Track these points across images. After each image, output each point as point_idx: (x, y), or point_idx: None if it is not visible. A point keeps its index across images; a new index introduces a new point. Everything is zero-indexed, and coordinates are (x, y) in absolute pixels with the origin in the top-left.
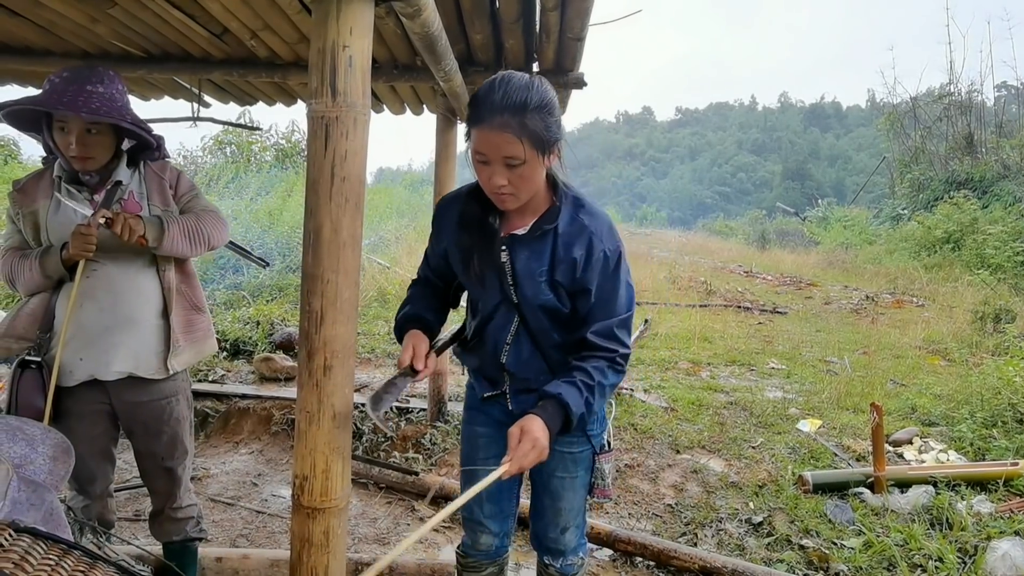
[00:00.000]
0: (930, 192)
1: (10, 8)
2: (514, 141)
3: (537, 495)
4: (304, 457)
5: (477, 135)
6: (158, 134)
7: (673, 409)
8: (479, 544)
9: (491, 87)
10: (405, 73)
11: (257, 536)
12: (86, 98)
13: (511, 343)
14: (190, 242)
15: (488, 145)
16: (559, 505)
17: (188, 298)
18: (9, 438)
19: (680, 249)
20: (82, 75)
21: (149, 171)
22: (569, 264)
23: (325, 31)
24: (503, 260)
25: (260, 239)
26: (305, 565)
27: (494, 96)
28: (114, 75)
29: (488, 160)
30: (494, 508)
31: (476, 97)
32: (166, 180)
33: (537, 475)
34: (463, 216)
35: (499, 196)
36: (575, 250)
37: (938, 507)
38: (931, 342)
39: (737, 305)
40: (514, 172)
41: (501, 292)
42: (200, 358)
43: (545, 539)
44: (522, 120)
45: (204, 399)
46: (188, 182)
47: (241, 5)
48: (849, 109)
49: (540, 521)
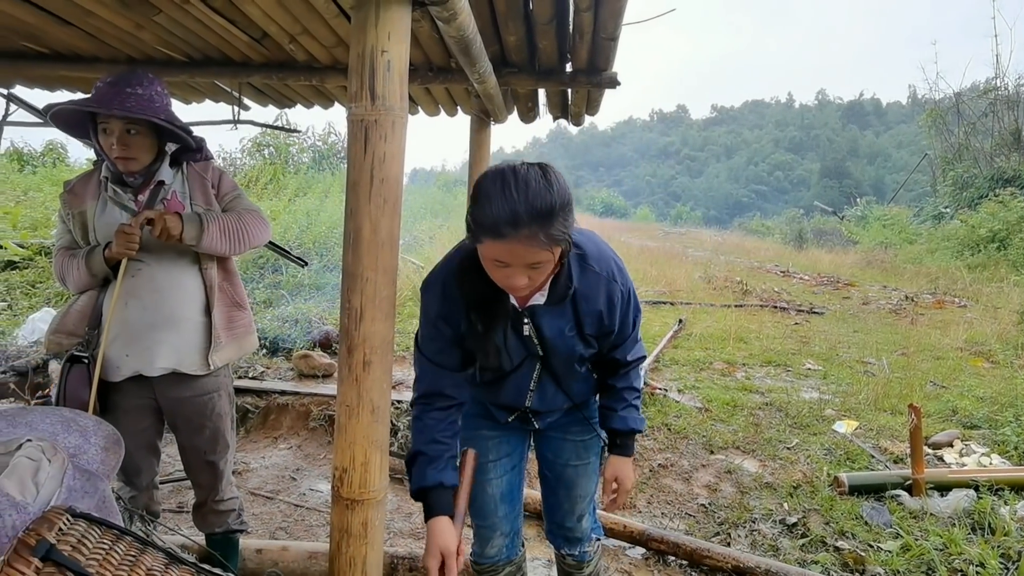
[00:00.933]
0: (974, 190)
1: (61, 17)
2: (539, 249)
3: (551, 488)
4: (344, 450)
5: (496, 246)
6: (199, 136)
7: (707, 409)
8: (491, 548)
9: (505, 192)
10: (440, 75)
11: (295, 529)
12: (123, 99)
13: (535, 389)
14: (230, 240)
15: (511, 256)
16: (575, 493)
17: (229, 295)
18: (64, 429)
19: (715, 249)
20: (124, 78)
21: (192, 171)
22: (595, 317)
23: (364, 36)
24: (527, 333)
25: (298, 239)
26: (344, 555)
27: (516, 207)
28: (154, 78)
29: (508, 264)
30: (507, 508)
31: (489, 206)
32: (208, 180)
33: (550, 469)
34: (470, 300)
35: (516, 292)
36: (598, 303)
37: (980, 511)
38: (974, 343)
39: (773, 305)
40: (536, 271)
41: (526, 351)
42: (241, 354)
43: (563, 530)
44: (548, 230)
45: (244, 395)
46: (230, 182)
47: (280, 10)
48: (889, 105)
49: (557, 513)
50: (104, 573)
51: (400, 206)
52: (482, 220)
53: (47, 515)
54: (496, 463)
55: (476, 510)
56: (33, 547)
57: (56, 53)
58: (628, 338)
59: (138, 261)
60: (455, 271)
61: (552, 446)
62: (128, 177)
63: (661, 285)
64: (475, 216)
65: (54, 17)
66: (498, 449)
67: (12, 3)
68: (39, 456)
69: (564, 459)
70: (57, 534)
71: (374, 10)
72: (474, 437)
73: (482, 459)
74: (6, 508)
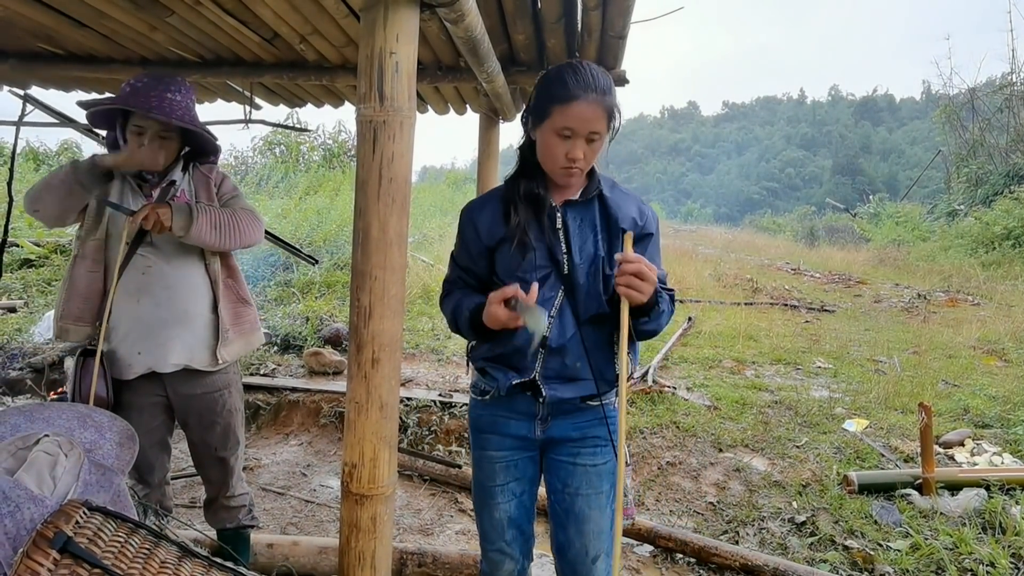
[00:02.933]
0: (989, 187)
1: (76, 19)
2: (602, 118)
3: (560, 526)
4: (353, 446)
5: (567, 111)
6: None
7: (716, 407)
8: (500, 572)
9: (576, 69)
10: (449, 74)
11: (306, 524)
12: (170, 105)
13: (555, 316)
14: (219, 233)
15: (579, 120)
16: (586, 529)
17: (235, 291)
18: (80, 425)
19: (726, 246)
20: (162, 82)
21: (198, 173)
22: (630, 220)
23: (373, 38)
24: (557, 227)
25: (309, 237)
26: (353, 549)
27: (587, 77)
28: (189, 86)
29: (573, 134)
30: (516, 533)
31: (561, 78)
32: (212, 179)
33: (558, 502)
34: (513, 198)
35: (570, 170)
36: (628, 208)
37: (991, 511)
38: (987, 342)
39: (784, 303)
40: (590, 147)
41: (550, 263)
42: (249, 349)
43: (575, 574)
44: (608, 100)
45: (255, 392)
46: (232, 184)
47: (291, 11)
48: (903, 101)
49: (568, 552)
50: (119, 565)
51: (408, 205)
52: (554, 91)
53: (64, 508)
54: (504, 487)
55: (485, 533)
56: (51, 539)
57: (71, 54)
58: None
59: (148, 259)
60: (502, 185)
61: (561, 473)
62: (148, 174)
63: (671, 283)
64: (546, 92)
65: (69, 19)
66: (506, 472)
67: (29, 6)
68: (56, 451)
69: (574, 487)
70: (74, 527)
71: (382, 12)
72: (481, 458)
73: (489, 483)
74: (25, 501)
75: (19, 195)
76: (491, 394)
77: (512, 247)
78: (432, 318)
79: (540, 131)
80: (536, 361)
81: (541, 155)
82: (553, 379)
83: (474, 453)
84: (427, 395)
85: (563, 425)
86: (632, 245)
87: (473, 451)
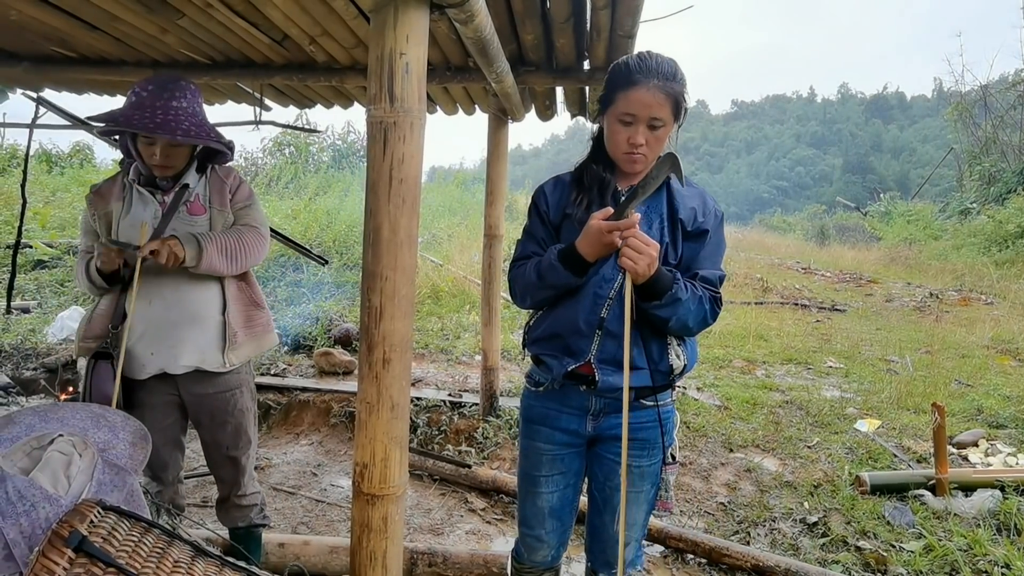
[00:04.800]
0: (1002, 185)
1: (89, 23)
2: (664, 104)
3: (597, 510)
4: (364, 446)
5: (628, 96)
6: (229, 140)
7: (727, 407)
8: (535, 556)
9: (641, 57)
10: (458, 74)
11: (317, 524)
12: (175, 117)
13: (613, 298)
14: (227, 260)
15: (640, 105)
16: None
17: (248, 294)
18: (94, 424)
19: (735, 245)
20: (167, 89)
21: (215, 176)
22: (688, 211)
23: (383, 40)
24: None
25: (319, 237)
26: (364, 549)
27: (649, 63)
28: (195, 88)
29: (634, 120)
30: (555, 523)
31: (626, 64)
32: (228, 184)
33: (598, 490)
34: (582, 181)
35: (632, 156)
36: (691, 202)
37: (1005, 512)
38: (1001, 341)
39: (794, 302)
40: (653, 134)
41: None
42: (261, 351)
43: (604, 554)
44: (671, 86)
45: (266, 392)
46: (247, 192)
47: (300, 12)
48: (914, 99)
49: (600, 536)
50: (134, 564)
51: (418, 206)
52: (618, 78)
53: (79, 508)
54: (549, 478)
55: (524, 518)
56: (66, 538)
57: (83, 57)
58: (714, 262)
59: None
60: (565, 176)
61: (604, 467)
62: (160, 180)
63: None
64: (612, 78)
65: (82, 23)
66: (552, 465)
67: (42, 10)
68: (70, 451)
69: (615, 483)
70: (88, 526)
71: (392, 14)
72: (530, 448)
73: (534, 472)
74: (40, 500)
75: (32, 196)
76: (545, 386)
77: (575, 226)
78: (441, 318)
79: (606, 117)
80: (592, 344)
81: (607, 142)
82: (608, 363)
83: (522, 442)
84: (437, 395)
85: (614, 423)
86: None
87: (522, 440)
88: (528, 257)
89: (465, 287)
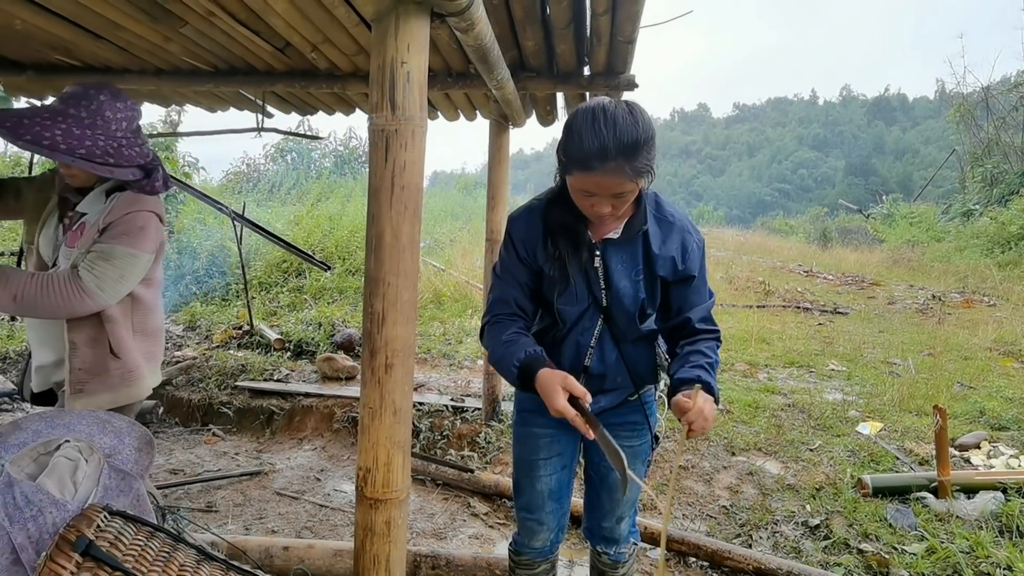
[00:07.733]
0: (1005, 186)
1: (93, 32)
2: (627, 182)
3: (594, 490)
4: (367, 450)
5: (585, 178)
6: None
7: (729, 411)
8: (535, 542)
9: (595, 128)
10: (459, 81)
11: (321, 528)
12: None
13: (595, 346)
14: (21, 306)
15: (598, 186)
16: (617, 497)
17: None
18: (100, 430)
19: (738, 248)
20: (74, 96)
21: (121, 202)
22: (668, 260)
23: (384, 48)
24: (596, 265)
25: (321, 243)
26: (368, 553)
27: (605, 142)
28: (109, 98)
29: (595, 194)
30: (555, 505)
31: (580, 141)
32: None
33: (595, 471)
34: (551, 227)
35: (600, 219)
36: (670, 246)
37: (1008, 514)
38: (1004, 343)
39: (796, 305)
40: (620, 200)
41: (589, 296)
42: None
43: (600, 529)
44: (633, 164)
45: (270, 397)
46: (125, 226)
47: (302, 20)
48: (916, 101)
49: (596, 513)
50: (140, 568)
51: (420, 212)
52: (573, 154)
53: (85, 512)
54: (547, 461)
55: (524, 503)
56: (73, 543)
57: (87, 66)
58: (702, 297)
59: None
60: (544, 202)
61: (599, 448)
62: (71, 194)
63: None
64: (566, 150)
65: (86, 31)
66: (549, 448)
67: (46, 19)
68: (77, 456)
69: (609, 464)
70: (95, 531)
71: (394, 22)
72: (526, 435)
73: (533, 456)
74: (47, 506)
75: None
76: None
77: (552, 274)
78: (444, 323)
79: (567, 179)
80: (582, 380)
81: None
82: (596, 393)
83: (517, 431)
84: (439, 400)
85: (607, 401)
86: (697, 396)
87: (516, 429)
88: (506, 303)
89: (467, 292)
